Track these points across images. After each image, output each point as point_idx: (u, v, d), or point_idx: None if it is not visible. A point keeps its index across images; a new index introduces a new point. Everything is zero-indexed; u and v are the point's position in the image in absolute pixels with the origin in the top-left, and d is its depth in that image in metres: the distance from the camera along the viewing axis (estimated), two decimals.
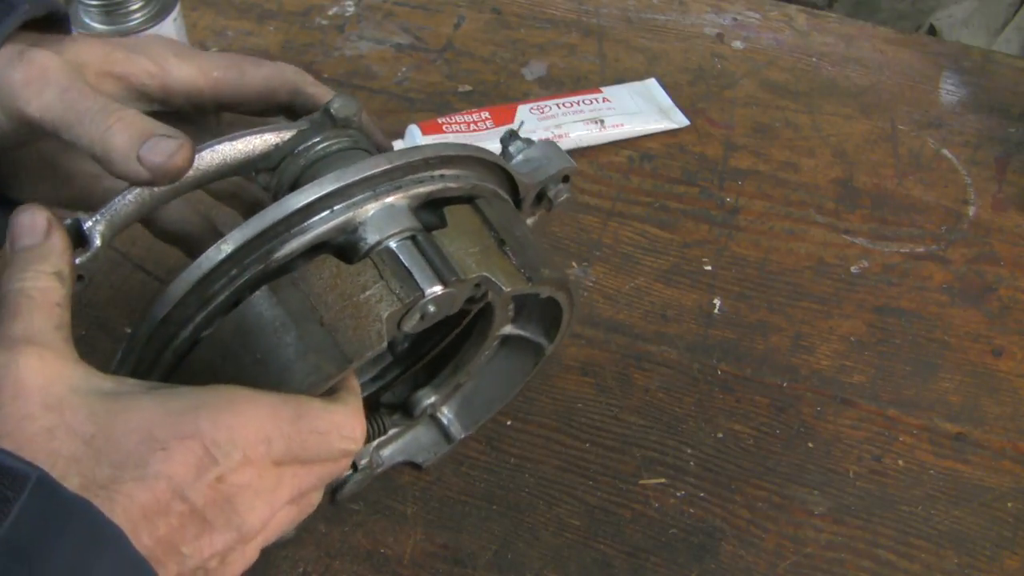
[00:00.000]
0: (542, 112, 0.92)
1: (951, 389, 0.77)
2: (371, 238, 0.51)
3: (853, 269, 0.84)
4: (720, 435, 0.73)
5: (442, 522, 0.68)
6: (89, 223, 0.51)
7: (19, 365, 0.44)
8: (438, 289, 0.50)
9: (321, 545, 0.67)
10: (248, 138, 0.56)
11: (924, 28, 1.74)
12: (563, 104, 0.93)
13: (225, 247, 0.50)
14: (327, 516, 0.68)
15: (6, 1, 0.53)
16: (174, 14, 0.85)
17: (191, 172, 0.54)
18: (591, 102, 0.94)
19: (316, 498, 0.53)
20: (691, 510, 0.69)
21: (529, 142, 0.64)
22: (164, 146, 0.49)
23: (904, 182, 0.91)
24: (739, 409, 0.75)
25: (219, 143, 0.56)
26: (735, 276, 0.83)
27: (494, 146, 0.89)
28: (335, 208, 0.51)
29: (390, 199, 0.52)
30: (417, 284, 0.50)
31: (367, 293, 0.50)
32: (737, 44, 1.03)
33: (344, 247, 0.52)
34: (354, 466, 0.66)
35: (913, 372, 0.77)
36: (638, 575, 0.66)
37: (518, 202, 0.62)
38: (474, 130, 0.90)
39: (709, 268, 0.84)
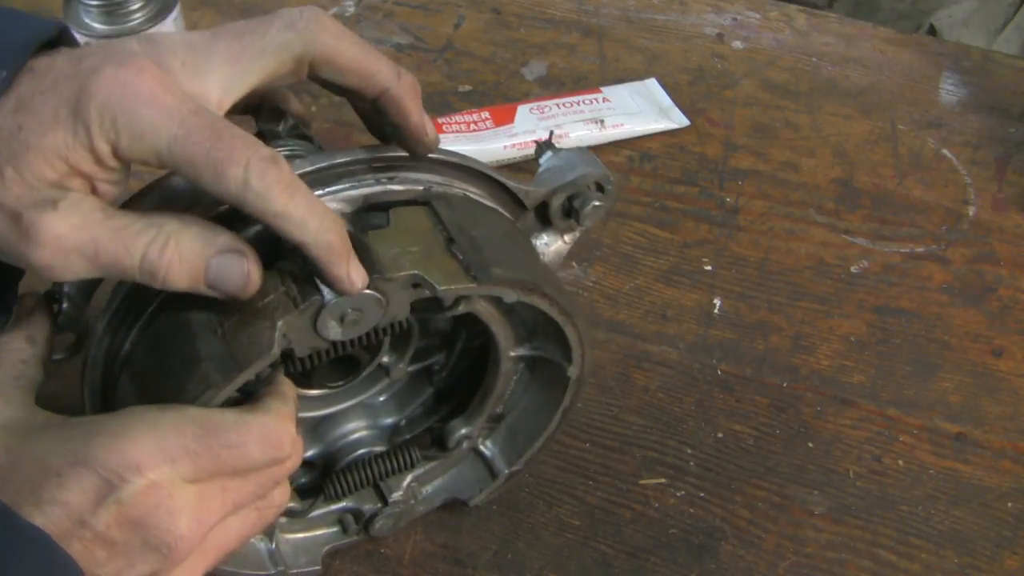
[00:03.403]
0: (542, 112, 0.92)
1: (951, 389, 0.77)
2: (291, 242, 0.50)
3: (853, 269, 0.84)
4: (720, 435, 0.73)
5: (442, 522, 0.68)
6: (64, 288, 0.53)
7: None
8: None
9: None
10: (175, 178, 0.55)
11: (924, 28, 1.74)
12: (563, 104, 0.93)
13: None
14: None
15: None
16: (174, 14, 0.85)
17: None
18: (591, 102, 0.94)
19: (279, 499, 0.52)
20: (691, 510, 0.69)
21: (557, 150, 0.61)
22: (230, 272, 0.47)
23: (904, 182, 0.91)
24: (739, 409, 0.75)
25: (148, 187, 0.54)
26: (735, 276, 0.83)
27: (494, 145, 0.90)
28: None
29: None
30: (316, 287, 0.48)
31: (266, 300, 0.48)
32: (737, 44, 1.03)
33: (270, 256, 0.50)
34: (384, 499, 0.64)
35: (913, 372, 0.78)
36: (638, 575, 0.66)
37: (544, 216, 0.60)
38: (474, 130, 0.90)
39: (709, 268, 0.84)
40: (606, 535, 0.68)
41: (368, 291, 0.48)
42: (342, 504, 0.64)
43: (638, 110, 0.94)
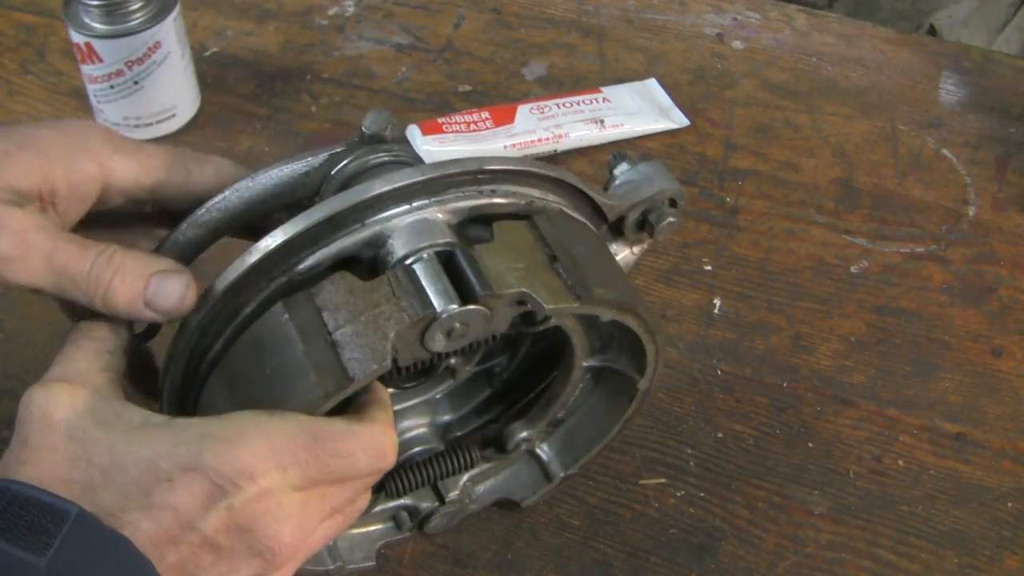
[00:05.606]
0: (542, 112, 0.92)
1: (951, 389, 0.77)
2: (399, 252, 0.50)
3: (853, 269, 0.84)
4: (720, 435, 0.73)
5: None
6: None
7: (48, 401, 0.47)
8: (454, 308, 0.48)
9: None
10: (271, 171, 0.56)
11: (924, 28, 1.74)
12: (563, 104, 0.93)
13: (249, 258, 0.50)
14: None
15: None
16: (174, 14, 0.85)
17: (220, 216, 0.55)
18: (591, 102, 0.94)
19: (363, 503, 0.53)
20: (691, 510, 0.69)
21: (634, 162, 0.62)
22: (169, 289, 0.50)
23: (904, 182, 0.91)
24: (739, 409, 0.75)
25: (244, 183, 0.55)
26: (735, 276, 0.83)
27: (494, 146, 0.90)
28: (367, 221, 0.50)
29: (425, 213, 0.51)
30: (429, 301, 0.48)
31: (377, 310, 0.48)
32: (737, 44, 1.03)
33: (375, 262, 0.51)
34: (441, 498, 0.64)
35: (913, 372, 0.77)
36: (638, 575, 0.66)
37: (618, 228, 0.61)
38: (474, 130, 0.90)
39: (709, 268, 0.84)
40: (606, 535, 0.68)
41: (477, 307, 0.49)
42: (399, 501, 0.65)
43: (638, 110, 0.94)
